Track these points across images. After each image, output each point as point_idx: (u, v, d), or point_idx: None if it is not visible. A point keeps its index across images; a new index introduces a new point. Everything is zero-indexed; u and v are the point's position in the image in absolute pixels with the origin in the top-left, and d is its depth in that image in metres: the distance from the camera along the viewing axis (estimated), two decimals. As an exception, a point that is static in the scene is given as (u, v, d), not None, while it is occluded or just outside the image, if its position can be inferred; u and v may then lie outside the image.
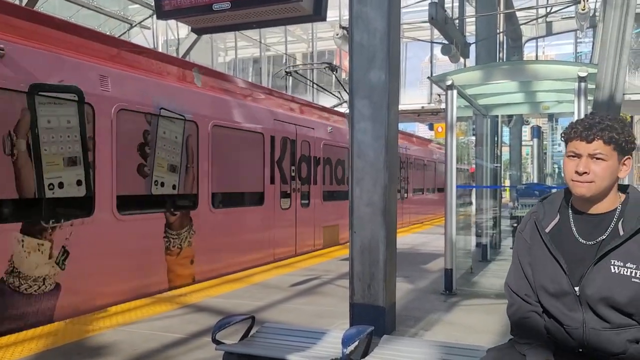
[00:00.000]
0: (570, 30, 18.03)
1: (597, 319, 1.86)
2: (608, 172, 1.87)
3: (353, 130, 4.61)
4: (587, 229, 1.93)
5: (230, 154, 7.99)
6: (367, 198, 4.54)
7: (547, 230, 2.00)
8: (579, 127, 1.90)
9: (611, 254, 1.86)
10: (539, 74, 6.82)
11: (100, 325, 4.94)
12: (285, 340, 2.92)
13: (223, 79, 8.96)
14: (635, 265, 1.82)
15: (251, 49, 28.82)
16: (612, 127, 1.87)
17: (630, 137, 1.89)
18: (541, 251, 1.98)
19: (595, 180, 1.87)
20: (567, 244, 1.95)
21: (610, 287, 1.83)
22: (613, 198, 1.94)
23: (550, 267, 1.95)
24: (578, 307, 1.89)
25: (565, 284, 1.91)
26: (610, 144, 1.86)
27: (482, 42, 10.55)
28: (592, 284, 1.86)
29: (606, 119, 1.90)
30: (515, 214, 9.41)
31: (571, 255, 1.92)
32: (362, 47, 4.56)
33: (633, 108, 25.04)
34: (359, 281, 4.55)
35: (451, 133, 6.43)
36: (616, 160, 1.88)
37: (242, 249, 8.28)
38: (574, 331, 1.90)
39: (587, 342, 1.87)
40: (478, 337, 4.54)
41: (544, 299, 1.97)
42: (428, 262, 8.76)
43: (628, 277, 1.82)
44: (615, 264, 1.84)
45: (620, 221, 1.89)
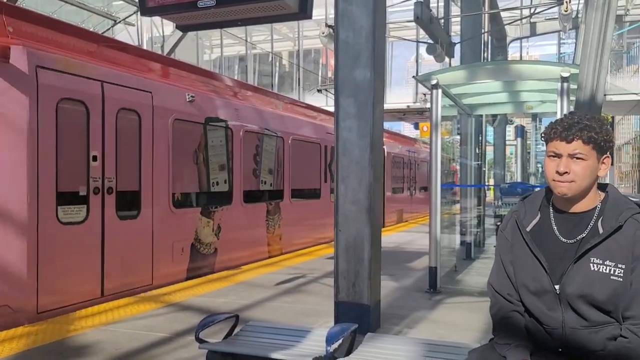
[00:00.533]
0: (554, 31, 18.23)
1: (576, 318, 1.88)
2: (588, 172, 1.89)
3: (338, 128, 4.61)
4: (568, 227, 1.95)
5: (300, 159, 10.72)
6: (352, 196, 4.55)
7: (528, 229, 2.02)
8: (558, 128, 1.92)
9: (591, 252, 1.88)
10: (523, 73, 6.89)
11: (82, 325, 4.89)
12: (269, 339, 2.92)
13: (295, 104, 12.34)
14: (614, 263, 1.84)
15: (237, 47, 28.66)
16: (590, 127, 1.88)
17: (608, 136, 1.91)
18: (522, 250, 2.00)
19: (576, 180, 1.89)
20: (547, 242, 1.97)
21: (590, 285, 1.85)
22: (593, 197, 1.96)
23: (531, 265, 1.96)
24: (558, 307, 1.91)
25: (546, 282, 1.93)
26: (590, 144, 1.88)
27: (467, 41, 10.62)
28: (572, 282, 1.88)
29: (585, 118, 1.92)
30: (499, 212, 9.49)
31: (552, 254, 1.94)
32: (347, 45, 4.57)
33: (614, 108, 25.42)
34: (344, 279, 4.56)
35: (436, 132, 6.47)
36: (595, 159, 1.90)
37: (309, 230, 11.00)
38: (553, 331, 1.91)
39: (567, 341, 1.89)
40: (461, 334, 4.57)
41: (526, 298, 1.98)
42: (413, 260, 8.80)
43: (607, 274, 1.84)
44: (595, 261, 1.86)
45: (600, 220, 1.91)
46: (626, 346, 1.80)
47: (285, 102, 11.37)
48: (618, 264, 1.84)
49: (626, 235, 1.85)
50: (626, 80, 23.55)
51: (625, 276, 1.83)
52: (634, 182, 48.86)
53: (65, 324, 4.93)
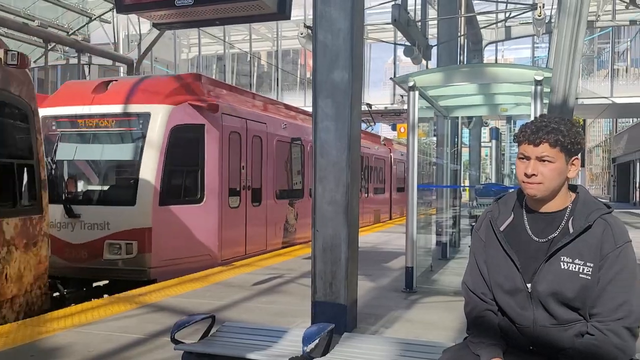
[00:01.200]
0: (528, 35, 18.56)
1: (546, 316, 1.93)
2: (556, 173, 1.93)
3: (316, 129, 4.62)
4: (540, 227, 2.00)
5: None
6: (329, 196, 4.56)
7: (501, 228, 2.06)
8: (527, 131, 1.96)
9: (561, 250, 1.92)
10: (498, 76, 7.00)
11: (54, 327, 4.80)
12: (246, 339, 2.91)
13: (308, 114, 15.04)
14: (582, 261, 1.89)
15: (215, 46, 28.48)
16: (558, 130, 1.92)
17: (576, 139, 1.94)
18: (496, 249, 2.04)
19: (544, 182, 1.93)
20: (520, 242, 2.01)
21: (560, 283, 1.90)
22: (564, 197, 2.00)
23: (504, 264, 2.01)
24: (529, 305, 1.95)
25: (518, 281, 1.97)
26: (556, 147, 1.92)
27: (443, 44, 10.74)
28: (543, 280, 1.93)
29: (553, 121, 1.95)
30: (474, 213, 9.62)
31: (524, 253, 1.99)
32: (325, 46, 4.58)
33: (586, 112, 26.01)
34: (321, 279, 4.57)
35: (413, 133, 6.53)
36: (563, 161, 1.94)
37: None
38: (525, 329, 1.96)
39: (538, 339, 1.94)
40: (437, 333, 4.62)
41: (499, 297, 2.02)
42: (389, 260, 8.86)
43: (576, 272, 1.89)
44: (565, 260, 1.91)
45: (571, 220, 1.96)
46: (592, 343, 1.84)
47: (304, 114, 13.70)
48: (587, 263, 1.89)
49: (595, 235, 1.91)
50: (597, 84, 24.13)
51: (593, 274, 1.88)
52: (604, 184, 50.05)
53: (36, 325, 4.83)
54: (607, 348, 1.82)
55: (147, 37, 18.25)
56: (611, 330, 1.83)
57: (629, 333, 1.84)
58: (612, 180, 42.92)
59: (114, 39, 20.90)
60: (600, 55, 29.62)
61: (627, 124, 38.05)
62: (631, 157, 35.28)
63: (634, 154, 34.13)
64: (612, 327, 1.83)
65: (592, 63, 30.05)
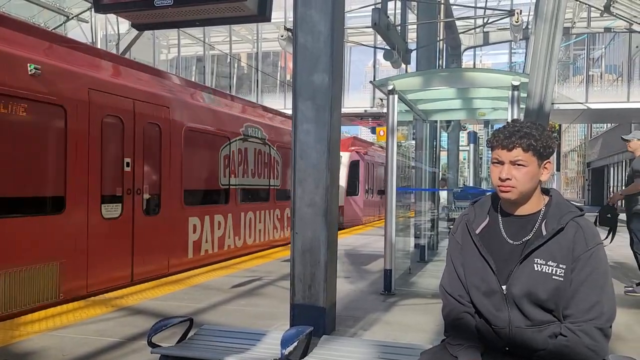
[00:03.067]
0: (505, 41, 18.84)
1: (521, 317, 1.96)
2: (529, 177, 1.98)
3: (296, 131, 4.63)
4: (514, 229, 2.04)
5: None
6: (308, 199, 4.57)
7: (477, 231, 2.09)
8: (500, 136, 2.02)
9: (535, 252, 1.96)
10: (476, 81, 7.09)
11: (27, 330, 4.71)
12: (224, 342, 2.89)
13: None
14: (555, 263, 1.93)
15: (195, 47, 28.28)
16: (530, 135, 1.98)
17: (547, 142, 1.99)
18: (472, 252, 2.07)
19: (517, 186, 1.98)
20: (495, 244, 2.05)
21: (534, 284, 1.94)
22: (537, 200, 2.05)
23: (480, 266, 2.04)
24: (504, 307, 1.98)
25: (493, 282, 2.00)
26: (529, 151, 1.97)
27: (422, 49, 10.84)
28: (518, 282, 1.96)
29: (525, 126, 2.01)
30: (452, 216, 9.72)
31: (499, 255, 2.02)
32: (306, 49, 4.59)
33: (561, 117, 26.48)
34: (300, 282, 4.57)
35: (392, 136, 6.58)
36: (536, 165, 2.00)
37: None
38: (501, 331, 1.99)
39: (513, 340, 1.96)
40: (415, 335, 4.66)
41: (475, 299, 2.05)
42: (368, 263, 8.90)
43: (549, 274, 1.93)
44: (539, 262, 1.95)
45: (544, 222, 2.00)
46: (564, 344, 1.88)
47: None
48: (560, 264, 1.93)
49: (567, 237, 1.95)
50: (572, 90, 24.59)
51: (566, 276, 1.92)
52: (579, 188, 51.00)
53: (9, 329, 4.73)
54: (579, 349, 1.86)
55: (126, 37, 18.04)
56: (583, 330, 1.86)
57: (601, 333, 1.88)
58: (586, 184, 43.77)
59: (92, 38, 20.60)
60: (576, 62, 30.22)
61: (601, 129, 38.87)
62: (605, 161, 36.03)
63: (608, 159, 34.87)
64: (584, 328, 1.87)
65: (568, 69, 30.64)
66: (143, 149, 7.49)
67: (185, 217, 8.45)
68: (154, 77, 8.58)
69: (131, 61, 9.25)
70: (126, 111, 7.20)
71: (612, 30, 21.50)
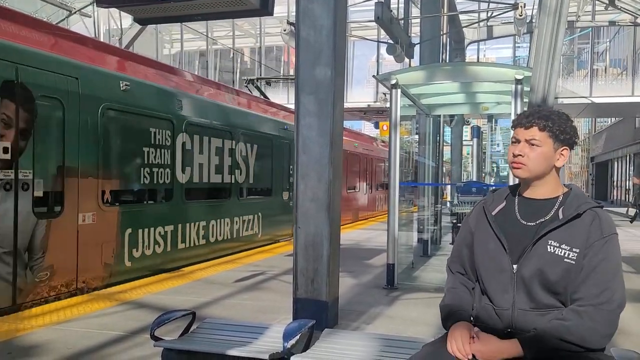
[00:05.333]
0: (509, 35, 18.75)
1: (526, 299, 1.97)
2: (541, 158, 2.02)
3: (299, 125, 4.62)
4: (530, 211, 2.06)
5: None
6: (311, 193, 4.57)
7: (493, 213, 2.13)
8: (521, 116, 2.09)
9: (549, 234, 1.98)
10: (479, 75, 7.07)
11: (32, 324, 4.73)
12: (226, 336, 2.90)
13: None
14: (569, 247, 1.94)
15: (198, 42, 28.24)
16: (548, 117, 2.03)
17: (565, 128, 2.02)
18: (486, 232, 2.11)
19: (527, 164, 2.02)
20: (509, 225, 2.08)
21: (545, 265, 1.95)
22: (554, 186, 2.07)
23: (492, 246, 2.07)
24: (511, 288, 2.00)
25: (505, 262, 2.03)
26: (545, 131, 2.01)
27: (426, 43, 10.80)
28: (529, 262, 1.98)
29: (547, 110, 2.08)
30: (455, 210, 9.71)
31: (512, 236, 2.05)
32: (308, 43, 4.58)
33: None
34: (303, 276, 4.58)
35: (395, 131, 6.56)
36: (551, 147, 2.02)
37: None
38: (503, 312, 2.00)
39: (515, 322, 1.98)
40: (417, 329, 4.66)
41: (484, 278, 2.08)
42: (371, 257, 8.90)
43: (561, 257, 1.94)
44: (552, 244, 1.96)
45: (561, 208, 2.02)
46: (562, 324, 1.86)
47: None
48: (573, 248, 1.94)
49: (583, 224, 1.96)
50: (576, 84, 24.47)
51: (577, 260, 1.93)
52: (583, 183, 50.86)
53: (14, 323, 4.76)
54: (575, 330, 1.84)
55: (129, 32, 18.04)
56: (587, 312, 1.86)
57: (608, 318, 1.86)
58: (590, 178, 43.63)
59: (95, 33, 20.59)
60: (580, 56, 30.06)
61: (605, 123, 38.70)
62: (609, 156, 35.90)
63: (612, 153, 34.74)
64: (589, 310, 1.86)
65: (572, 63, 30.49)
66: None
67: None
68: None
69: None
70: None
71: (617, 23, 21.35)
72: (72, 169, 6.13)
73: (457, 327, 2.00)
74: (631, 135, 29.57)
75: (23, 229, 5.51)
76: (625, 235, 13.63)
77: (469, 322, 2.06)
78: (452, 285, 2.22)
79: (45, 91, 5.88)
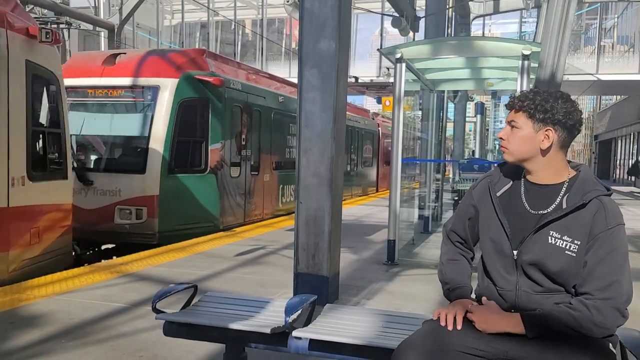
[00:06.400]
0: (517, 9, 18.42)
1: (529, 282, 1.95)
2: (521, 141, 1.97)
3: (302, 99, 4.56)
4: (535, 198, 2.00)
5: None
6: (313, 168, 4.54)
7: (498, 194, 2.07)
8: (511, 97, 2.05)
9: (551, 225, 1.92)
10: (485, 50, 6.95)
11: (34, 294, 4.76)
12: (228, 309, 2.89)
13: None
14: (571, 239, 1.89)
15: (199, 13, 27.85)
16: (529, 99, 1.95)
17: (545, 106, 1.92)
18: (490, 213, 2.07)
19: (508, 147, 2.00)
20: (514, 209, 2.02)
21: (545, 256, 1.91)
22: (559, 171, 1.98)
23: (495, 229, 2.03)
24: (514, 271, 1.98)
25: (506, 247, 1.99)
26: (521, 111, 1.97)
27: (431, 17, 10.63)
28: (529, 251, 1.94)
29: (533, 92, 2.00)
30: (457, 187, 9.67)
31: (516, 221, 2.00)
32: (312, 14, 4.48)
33: (571, 88, 26.07)
34: (304, 251, 4.58)
35: (399, 106, 6.49)
36: (531, 129, 1.95)
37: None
38: (507, 293, 1.98)
39: (519, 304, 1.96)
40: (417, 305, 4.69)
41: (487, 258, 2.06)
42: (372, 233, 8.92)
43: (562, 249, 1.89)
44: (554, 235, 1.91)
45: (566, 196, 1.95)
46: (569, 312, 1.83)
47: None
48: (575, 240, 1.89)
49: (587, 214, 1.89)
50: (583, 60, 24.18)
51: (579, 252, 1.88)
52: (586, 161, 50.73)
53: (16, 293, 4.79)
54: (585, 323, 1.81)
55: (129, 2, 17.75)
56: (596, 307, 1.81)
57: (617, 313, 1.82)
58: (593, 157, 43.50)
59: (95, 2, 20.29)
60: (588, 31, 29.63)
61: (609, 101, 38.40)
62: (613, 134, 35.72)
63: (616, 132, 34.55)
64: (598, 304, 1.81)
65: (579, 39, 30.07)
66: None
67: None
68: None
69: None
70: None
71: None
72: (263, 149, 10.72)
73: (455, 303, 2.02)
74: (636, 113, 29.35)
75: (247, 180, 10.01)
76: (629, 214, 13.63)
77: (469, 297, 2.06)
78: (452, 257, 2.20)
79: (255, 107, 10.31)
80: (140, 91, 8.36)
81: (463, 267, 2.17)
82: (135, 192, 7.86)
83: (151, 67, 8.48)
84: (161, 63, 8.62)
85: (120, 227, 7.84)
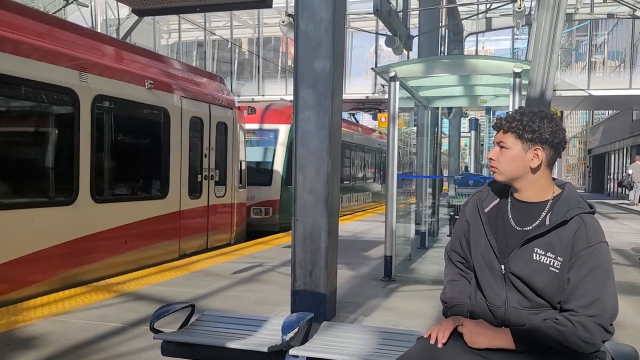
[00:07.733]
0: (508, 27, 18.71)
1: (518, 297, 1.99)
2: (510, 160, 2.02)
3: (297, 118, 4.62)
4: (521, 215, 2.05)
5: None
6: (309, 186, 4.58)
7: (486, 210, 2.12)
8: (498, 118, 2.09)
9: (535, 241, 1.96)
10: (477, 68, 7.06)
11: (30, 316, 4.75)
12: (225, 328, 2.91)
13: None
14: (554, 255, 1.93)
15: (195, 32, 28.04)
16: (516, 119, 2.01)
17: (532, 126, 1.97)
18: (478, 229, 2.11)
19: (498, 167, 2.05)
20: (500, 225, 2.07)
21: (531, 272, 1.95)
22: (544, 190, 2.03)
23: (483, 244, 2.08)
24: (503, 285, 2.02)
25: (494, 261, 2.04)
26: (509, 132, 2.02)
27: (424, 35, 10.78)
28: (515, 266, 1.98)
29: (520, 112, 2.04)
30: (453, 202, 9.71)
31: (502, 237, 2.05)
32: (307, 35, 4.56)
33: (563, 103, 26.34)
34: (301, 268, 4.60)
35: (393, 123, 6.57)
36: (520, 149, 2.00)
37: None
38: (497, 309, 2.02)
39: (508, 320, 1.99)
40: (415, 321, 4.70)
41: (479, 273, 2.10)
42: (369, 249, 8.94)
43: (547, 265, 1.93)
44: (538, 252, 1.95)
45: (549, 214, 1.99)
46: (557, 328, 1.86)
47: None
48: (557, 257, 1.93)
49: (569, 232, 1.93)
50: (574, 76, 24.44)
51: (562, 269, 1.92)
52: (580, 175, 50.98)
53: (12, 314, 4.78)
54: (570, 338, 1.83)
55: (126, 22, 17.89)
56: (581, 322, 1.84)
57: (601, 329, 1.84)
58: (587, 171, 43.71)
59: (92, 23, 20.46)
60: (578, 48, 30.01)
61: (602, 116, 38.71)
62: (606, 148, 35.94)
63: (609, 146, 34.78)
64: (583, 321, 1.84)
65: (570, 55, 30.44)
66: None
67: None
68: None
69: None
70: None
71: (615, 16, 21.31)
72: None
73: (446, 320, 2.06)
74: (628, 128, 29.60)
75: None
76: (621, 227, 13.69)
77: (465, 316, 2.08)
78: (452, 278, 2.24)
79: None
80: (267, 132, 12.93)
81: (462, 286, 2.20)
82: (264, 197, 12.24)
83: (272, 116, 13.01)
84: (279, 113, 13.01)
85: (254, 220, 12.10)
